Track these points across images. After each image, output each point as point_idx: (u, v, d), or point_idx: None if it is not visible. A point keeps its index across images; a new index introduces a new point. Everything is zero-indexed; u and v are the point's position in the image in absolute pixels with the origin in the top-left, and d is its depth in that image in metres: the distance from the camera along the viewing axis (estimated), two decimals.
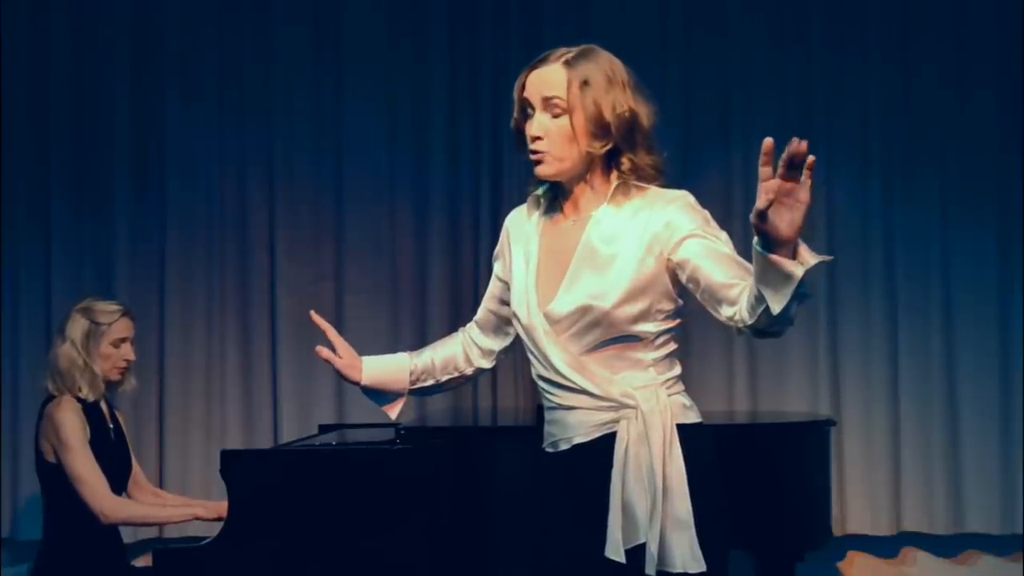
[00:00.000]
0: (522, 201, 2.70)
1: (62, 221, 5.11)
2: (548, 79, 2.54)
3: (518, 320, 2.58)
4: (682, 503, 2.44)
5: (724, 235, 2.48)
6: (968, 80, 5.19)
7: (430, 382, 2.88)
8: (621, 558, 2.44)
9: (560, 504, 2.57)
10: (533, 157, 2.53)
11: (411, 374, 2.87)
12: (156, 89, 5.17)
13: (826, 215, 5.18)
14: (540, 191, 2.63)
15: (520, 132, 2.59)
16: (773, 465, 3.94)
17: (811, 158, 2.13)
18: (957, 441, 5.12)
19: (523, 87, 2.58)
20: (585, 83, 2.50)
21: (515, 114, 2.60)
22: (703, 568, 2.44)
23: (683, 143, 4.98)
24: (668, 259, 2.46)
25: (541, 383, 2.58)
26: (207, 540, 3.45)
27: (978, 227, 5.17)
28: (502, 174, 5.18)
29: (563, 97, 2.50)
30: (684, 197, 2.52)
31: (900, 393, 5.14)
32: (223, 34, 5.21)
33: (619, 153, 2.51)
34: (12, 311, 5.09)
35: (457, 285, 5.19)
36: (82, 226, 5.13)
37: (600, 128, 2.48)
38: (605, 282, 2.47)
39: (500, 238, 2.74)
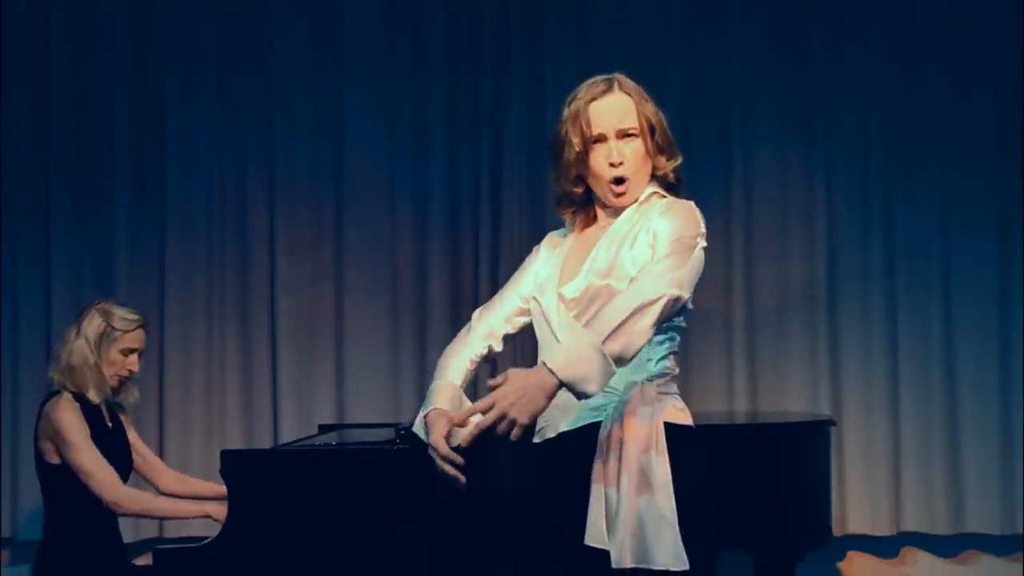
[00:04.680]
0: (522, 200, 2.78)
1: (62, 221, 5.11)
2: (618, 109, 2.66)
3: (539, 304, 2.69)
4: (666, 501, 2.47)
5: (695, 240, 2.58)
6: (968, 80, 5.19)
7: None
8: (604, 545, 2.47)
9: (544, 491, 2.63)
10: (617, 188, 2.64)
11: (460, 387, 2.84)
12: (156, 89, 5.17)
13: (826, 215, 5.19)
14: (579, 217, 2.75)
15: (581, 162, 2.66)
16: (773, 465, 3.94)
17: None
18: (957, 441, 5.12)
19: (588, 122, 2.66)
20: (644, 98, 2.68)
21: (577, 148, 2.66)
22: (686, 567, 2.46)
23: (683, 143, 4.94)
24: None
25: None
26: (207, 540, 3.45)
27: (978, 227, 5.17)
28: (502, 174, 5.17)
29: (635, 124, 2.65)
30: (684, 208, 2.65)
31: (900, 393, 5.14)
32: (223, 34, 5.21)
33: (663, 173, 2.70)
34: (12, 311, 5.09)
35: (457, 285, 5.19)
36: (82, 226, 5.13)
37: (666, 144, 2.68)
38: (612, 264, 2.59)
39: (536, 251, 2.83)
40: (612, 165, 2.63)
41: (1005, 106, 5.16)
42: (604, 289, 2.58)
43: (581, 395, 2.37)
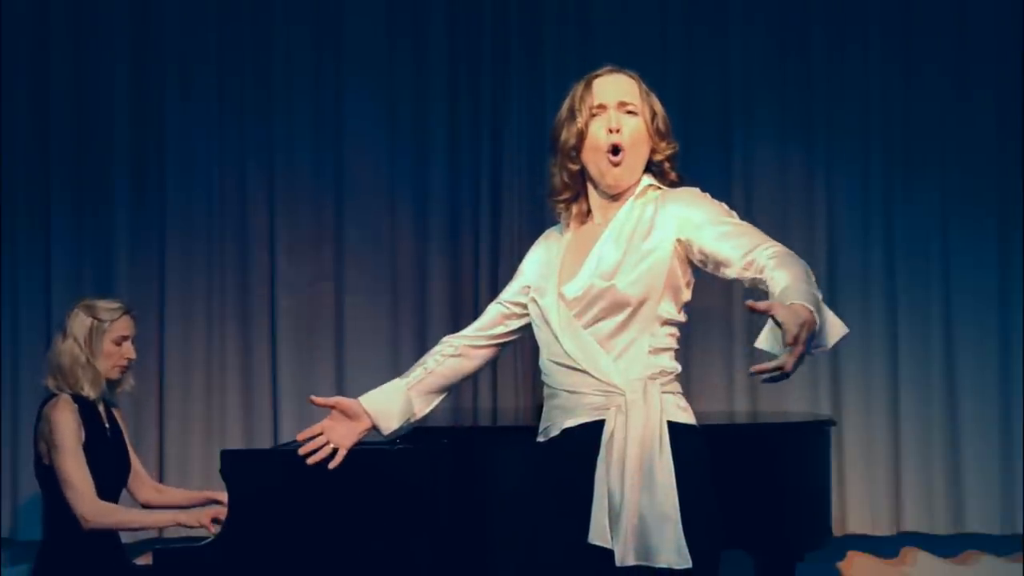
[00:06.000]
0: (522, 200, 2.80)
1: (62, 221, 5.11)
2: (621, 85, 2.71)
3: (537, 304, 2.69)
4: (669, 499, 2.49)
5: (722, 210, 2.63)
6: (968, 80, 5.19)
7: (430, 379, 2.89)
8: (607, 543, 2.47)
9: (547, 490, 2.63)
10: (615, 157, 2.65)
11: (406, 384, 2.89)
12: (156, 89, 5.17)
13: (826, 215, 5.19)
14: (573, 211, 2.76)
15: (579, 140, 2.68)
16: (773, 465, 3.94)
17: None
18: (957, 441, 5.12)
19: (589, 94, 2.70)
20: (648, 92, 2.72)
21: (581, 119, 2.68)
22: (688, 564, 2.47)
23: (683, 143, 4.93)
24: (678, 240, 2.60)
25: (547, 365, 2.67)
26: (207, 540, 3.45)
27: (978, 227, 5.17)
28: (502, 174, 5.18)
29: (636, 102, 2.68)
30: (693, 190, 2.70)
31: (900, 393, 5.14)
32: (223, 34, 5.21)
33: (661, 162, 2.72)
34: (12, 311, 5.08)
35: (457, 285, 5.19)
36: (82, 226, 5.13)
37: (666, 130, 2.71)
38: (615, 266, 2.60)
39: (530, 250, 2.87)
40: (610, 131, 2.65)
41: (1005, 106, 5.16)
42: (608, 291, 2.58)
43: (817, 346, 2.34)
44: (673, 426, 2.55)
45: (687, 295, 2.67)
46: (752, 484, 3.80)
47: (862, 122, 5.21)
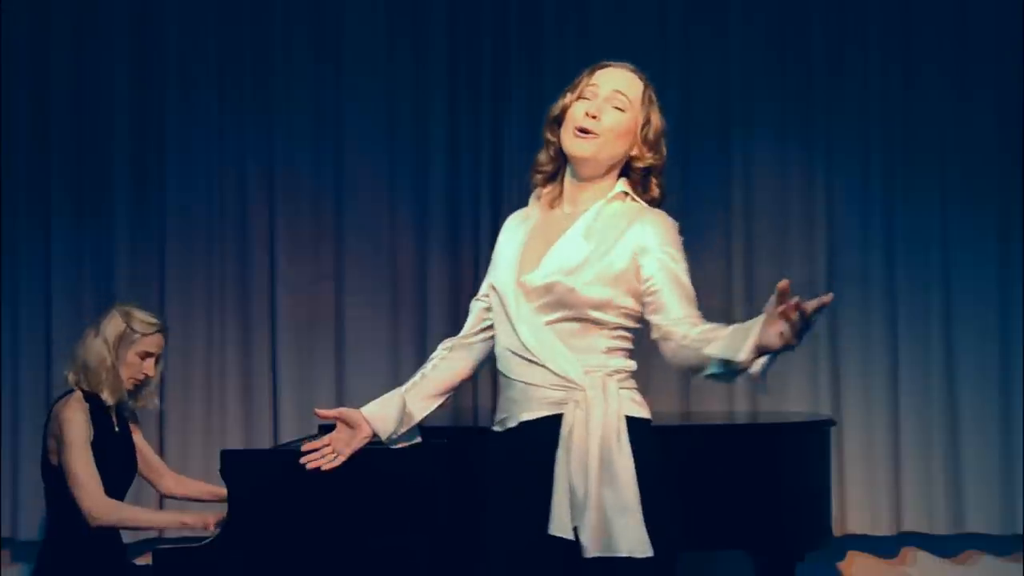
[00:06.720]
0: (521, 201, 2.81)
1: (62, 221, 5.11)
2: (624, 77, 2.71)
3: (496, 290, 2.71)
4: (629, 491, 2.53)
5: (685, 264, 2.68)
6: (968, 80, 5.19)
7: (425, 382, 2.89)
8: (568, 535, 2.51)
9: (507, 482, 2.66)
10: (579, 134, 2.64)
11: (404, 389, 2.89)
12: (156, 89, 5.17)
13: (826, 215, 5.19)
14: (546, 189, 2.75)
15: (562, 113, 2.69)
16: (773, 465, 3.94)
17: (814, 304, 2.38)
18: (957, 441, 5.13)
19: (590, 77, 2.71)
20: (651, 100, 2.71)
21: (571, 96, 2.69)
22: (650, 553, 2.49)
23: (683, 144, 4.98)
24: (639, 258, 2.61)
25: (503, 354, 2.69)
26: (207, 540, 3.45)
27: (978, 227, 5.18)
28: (502, 174, 5.18)
29: (631, 99, 2.68)
30: (667, 218, 2.69)
31: (900, 393, 5.14)
32: (223, 34, 5.21)
33: (648, 173, 2.70)
34: (12, 311, 5.08)
35: (457, 285, 5.19)
36: (82, 226, 5.13)
37: (654, 142, 2.69)
38: (579, 265, 2.61)
39: (498, 238, 2.84)
40: (587, 115, 2.64)
41: (1005, 106, 5.17)
42: (569, 292, 2.59)
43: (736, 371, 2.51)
44: (630, 420, 2.58)
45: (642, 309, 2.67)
46: (752, 484, 3.80)
47: (862, 122, 5.21)
